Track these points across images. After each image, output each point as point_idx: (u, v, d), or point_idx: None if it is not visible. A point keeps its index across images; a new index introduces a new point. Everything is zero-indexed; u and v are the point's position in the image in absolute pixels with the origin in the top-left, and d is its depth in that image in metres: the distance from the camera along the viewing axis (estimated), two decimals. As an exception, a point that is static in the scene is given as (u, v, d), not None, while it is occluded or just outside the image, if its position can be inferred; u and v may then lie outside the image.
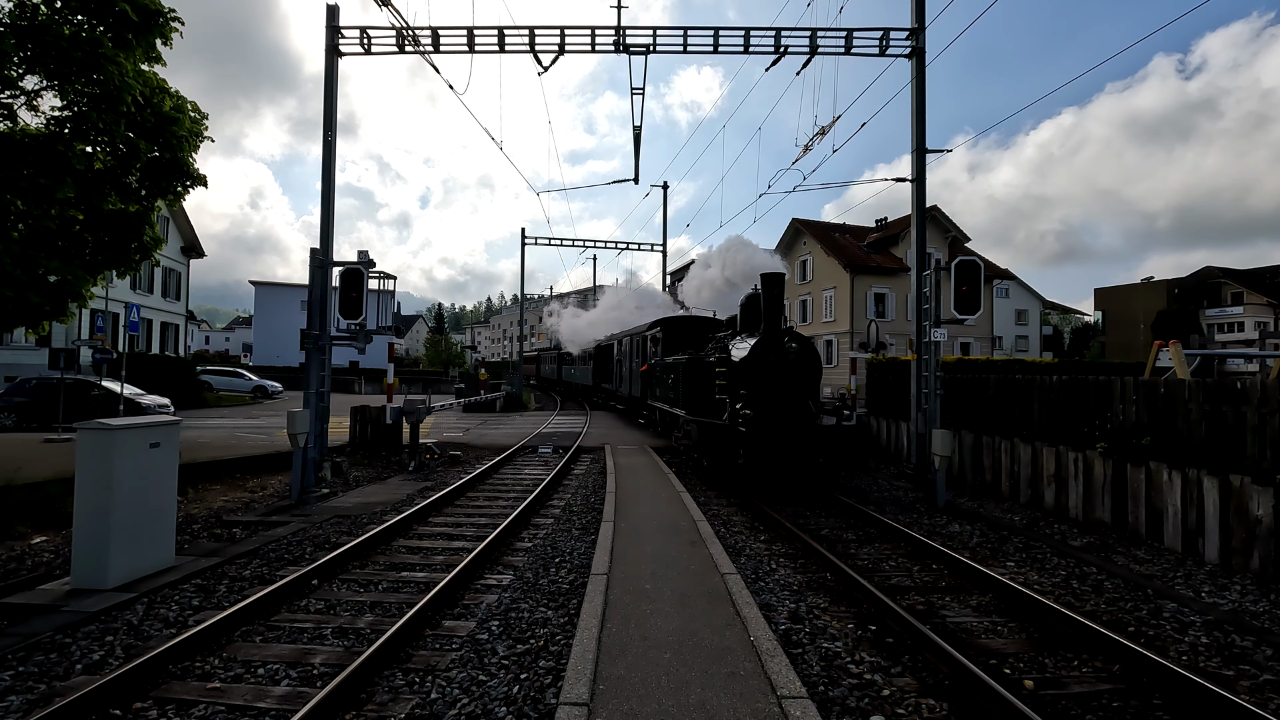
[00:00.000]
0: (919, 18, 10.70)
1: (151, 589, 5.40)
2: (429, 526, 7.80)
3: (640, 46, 11.42)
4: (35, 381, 17.29)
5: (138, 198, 9.23)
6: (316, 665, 4.13)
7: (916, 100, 10.65)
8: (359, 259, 9.95)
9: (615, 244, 32.13)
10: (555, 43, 11.39)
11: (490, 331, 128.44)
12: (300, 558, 6.50)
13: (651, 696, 3.42)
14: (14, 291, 7.71)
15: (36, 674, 3.96)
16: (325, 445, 10.41)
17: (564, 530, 7.58)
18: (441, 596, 5.16)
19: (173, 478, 6.15)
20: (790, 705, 3.32)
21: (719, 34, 11.27)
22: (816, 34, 11.09)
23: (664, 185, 30.70)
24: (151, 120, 8.71)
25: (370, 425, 14.07)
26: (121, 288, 24.72)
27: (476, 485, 10.50)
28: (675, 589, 5.10)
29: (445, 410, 24.17)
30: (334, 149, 10.64)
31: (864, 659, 4.30)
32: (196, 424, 17.75)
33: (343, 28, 10.88)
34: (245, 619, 4.76)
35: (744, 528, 7.94)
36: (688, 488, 9.64)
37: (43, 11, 7.77)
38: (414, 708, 3.62)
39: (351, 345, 10.24)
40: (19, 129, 8.06)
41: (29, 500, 8.01)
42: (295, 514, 8.43)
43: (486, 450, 14.58)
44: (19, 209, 7.76)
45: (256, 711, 3.58)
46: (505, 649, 4.37)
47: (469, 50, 11.42)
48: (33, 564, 6.33)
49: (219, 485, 10.46)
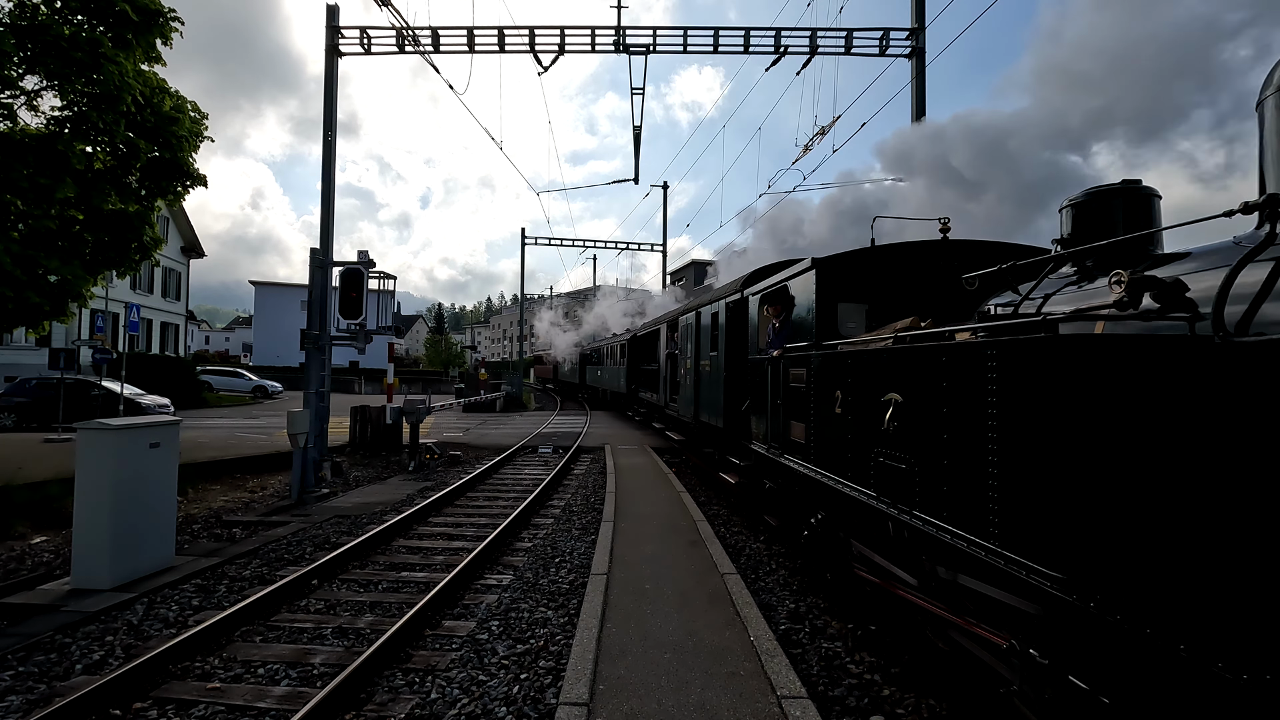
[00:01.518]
0: (919, 18, 10.71)
1: (151, 589, 5.40)
2: (429, 526, 7.79)
3: (640, 46, 11.43)
4: (35, 381, 17.29)
5: (138, 198, 9.23)
6: (316, 665, 4.13)
7: (916, 100, 10.65)
8: (359, 259, 9.95)
9: (615, 244, 32.19)
10: (555, 43, 11.39)
11: (490, 331, 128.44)
12: (300, 558, 6.50)
13: (651, 696, 3.42)
14: (14, 291, 7.70)
15: (36, 674, 3.96)
16: (325, 445, 10.41)
17: (564, 530, 7.58)
18: (441, 596, 5.16)
19: (172, 478, 6.15)
20: (790, 705, 3.31)
21: (719, 34, 11.28)
22: (816, 34, 11.10)
23: (664, 185, 30.73)
24: (151, 120, 8.71)
25: (370, 425, 14.07)
26: (121, 288, 24.71)
27: (476, 485, 10.50)
28: (675, 589, 5.10)
29: (445, 410, 24.16)
30: (334, 149, 10.64)
31: (864, 659, 4.30)
32: (196, 424, 17.74)
33: (343, 28, 10.88)
34: (245, 619, 4.75)
35: (744, 528, 7.94)
36: (688, 488, 9.63)
37: (43, 11, 7.77)
38: (414, 708, 3.62)
39: (351, 345, 10.24)
40: (19, 129, 8.06)
41: (29, 500, 8.01)
42: (295, 514, 8.42)
43: (486, 450, 14.58)
44: (19, 209, 7.76)
45: (256, 711, 3.58)
46: (505, 649, 4.37)
47: (469, 50, 11.43)
48: (33, 564, 6.33)
49: (219, 485, 10.46)
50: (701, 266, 49.43)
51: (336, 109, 10.68)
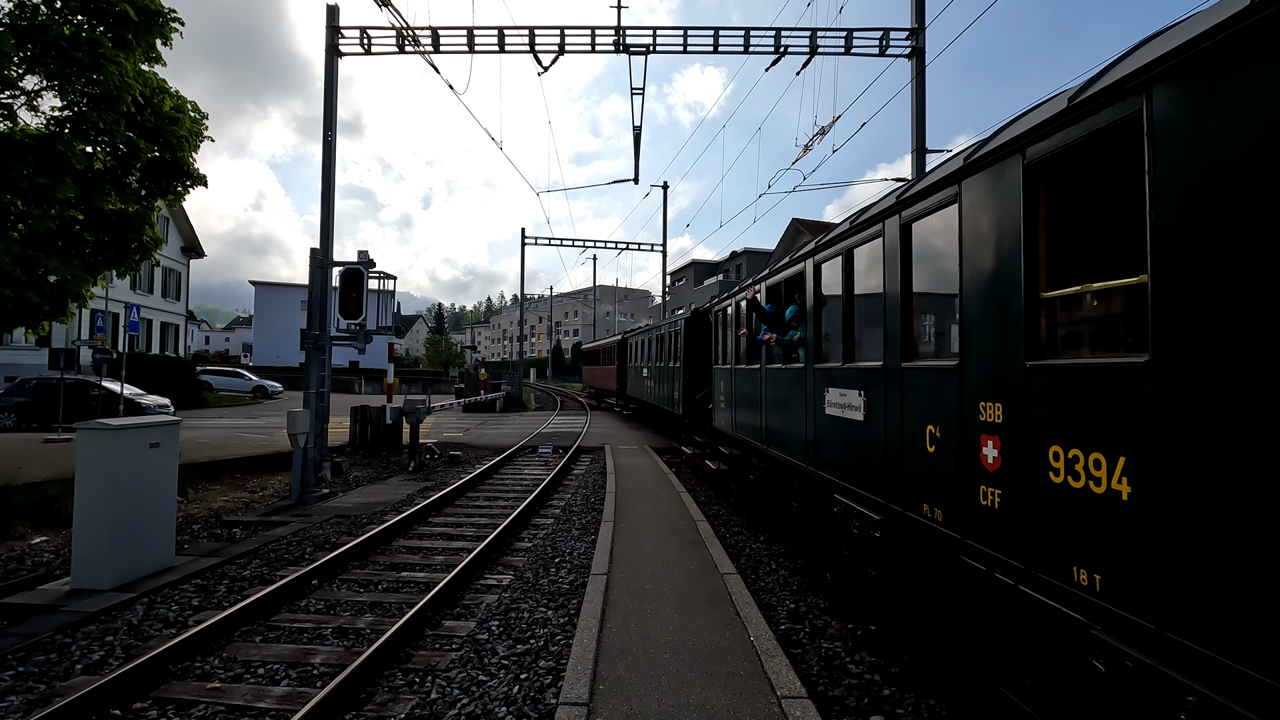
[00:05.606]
0: (919, 18, 10.71)
1: (151, 589, 5.40)
2: (429, 526, 7.79)
3: (640, 47, 11.43)
4: (35, 381, 17.30)
5: (137, 198, 9.23)
6: (316, 665, 4.13)
7: (916, 100, 10.65)
8: (359, 259, 9.95)
9: (615, 244, 32.15)
10: (555, 43, 11.39)
11: (490, 331, 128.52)
12: (300, 558, 6.50)
13: (651, 696, 3.42)
14: (14, 291, 7.71)
15: (36, 674, 3.96)
16: (325, 445, 10.41)
17: (564, 530, 7.58)
18: (441, 597, 5.16)
19: (172, 478, 6.15)
20: (790, 705, 3.31)
21: (719, 34, 11.28)
22: (816, 34, 11.10)
23: (664, 185, 30.70)
24: (151, 120, 8.72)
25: (370, 425, 14.07)
26: (121, 288, 24.70)
27: (476, 485, 10.50)
28: (675, 589, 5.10)
29: (445, 410, 24.16)
30: (334, 149, 10.64)
31: (864, 659, 4.30)
32: (196, 424, 17.74)
33: (343, 28, 10.89)
34: (245, 619, 4.75)
35: (744, 528, 7.94)
36: (688, 488, 9.64)
37: (43, 11, 7.77)
38: (414, 708, 3.62)
39: (351, 345, 10.24)
40: (19, 129, 8.06)
41: (29, 500, 8.01)
42: (295, 514, 8.42)
43: (486, 450, 14.58)
44: (19, 209, 7.76)
45: (256, 712, 3.58)
46: (505, 649, 4.37)
47: (469, 50, 11.43)
48: (33, 564, 6.33)
49: (219, 485, 10.46)
50: (703, 266, 49.52)
51: (336, 109, 10.68)
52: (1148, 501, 2.29)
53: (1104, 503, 2.49)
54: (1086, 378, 2.62)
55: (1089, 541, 2.56)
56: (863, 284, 4.98)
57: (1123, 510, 2.40)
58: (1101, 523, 2.50)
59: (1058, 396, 2.78)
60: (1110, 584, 2.45)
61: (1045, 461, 2.82)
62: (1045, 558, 2.81)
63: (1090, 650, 2.54)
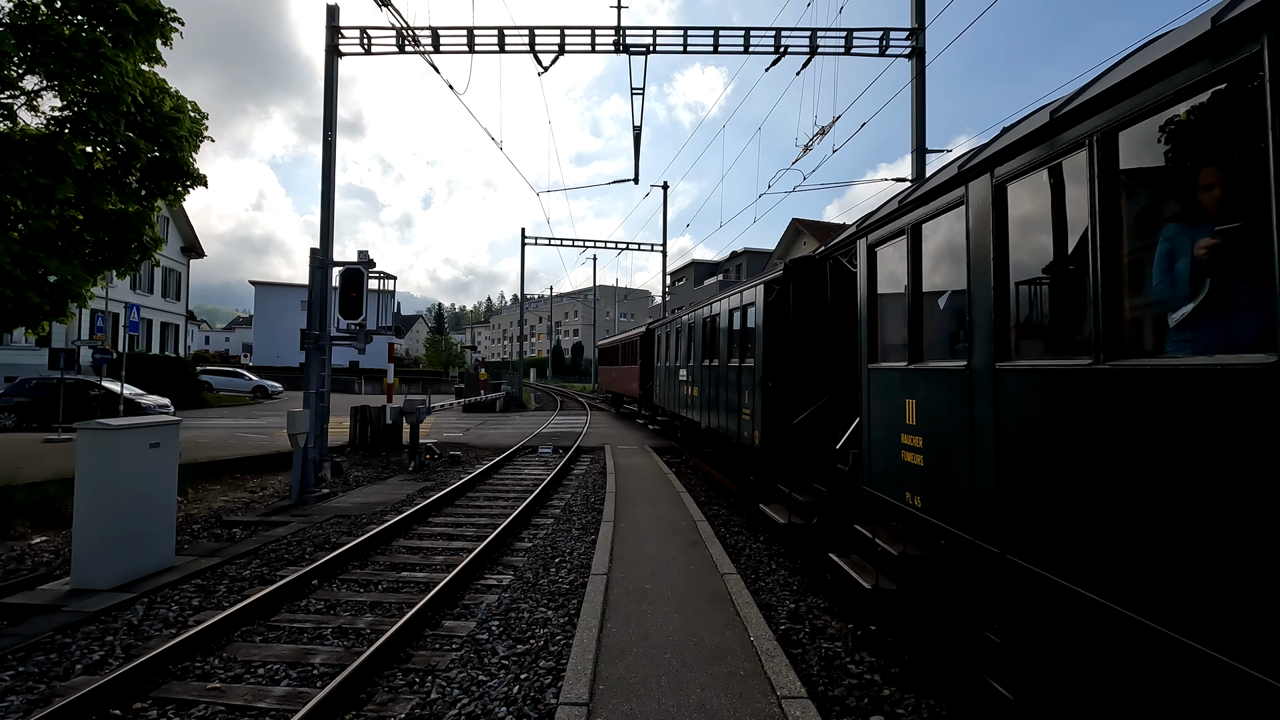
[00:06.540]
0: (919, 18, 10.71)
1: (151, 589, 5.40)
2: (429, 526, 7.79)
3: (640, 47, 11.44)
4: (35, 381, 17.29)
5: (137, 198, 9.23)
6: (316, 665, 4.13)
7: (916, 100, 10.65)
8: (359, 259, 9.95)
9: (615, 244, 32.14)
10: (555, 43, 11.39)
11: (490, 331, 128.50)
12: (300, 558, 6.50)
13: (651, 696, 3.42)
14: (14, 291, 7.71)
15: (36, 674, 3.96)
16: (325, 445, 10.41)
17: (564, 530, 7.58)
18: (441, 597, 5.16)
19: (172, 478, 6.15)
20: (790, 705, 3.31)
21: (719, 34, 11.28)
22: (816, 34, 11.10)
23: (664, 185, 30.70)
24: (151, 120, 8.72)
25: (370, 425, 14.07)
26: (121, 288, 24.70)
27: (476, 485, 10.50)
28: (675, 589, 5.10)
29: (445, 410, 24.16)
30: (334, 149, 10.64)
31: (864, 659, 4.30)
32: (196, 424, 17.74)
33: (343, 28, 10.89)
34: (245, 619, 4.75)
35: (744, 529, 7.94)
36: (688, 488, 9.64)
37: (43, 11, 7.77)
38: (414, 708, 3.62)
39: (351, 345, 10.24)
40: (19, 129, 8.06)
41: (29, 500, 8.01)
42: (295, 514, 8.42)
43: (486, 450, 14.58)
44: (19, 209, 7.76)
45: (256, 712, 3.58)
46: (505, 649, 4.37)
47: (469, 50, 11.43)
48: (33, 564, 6.33)
49: (219, 485, 10.46)
50: (703, 266, 49.54)
51: (336, 109, 10.68)
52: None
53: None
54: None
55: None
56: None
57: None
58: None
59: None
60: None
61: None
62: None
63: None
